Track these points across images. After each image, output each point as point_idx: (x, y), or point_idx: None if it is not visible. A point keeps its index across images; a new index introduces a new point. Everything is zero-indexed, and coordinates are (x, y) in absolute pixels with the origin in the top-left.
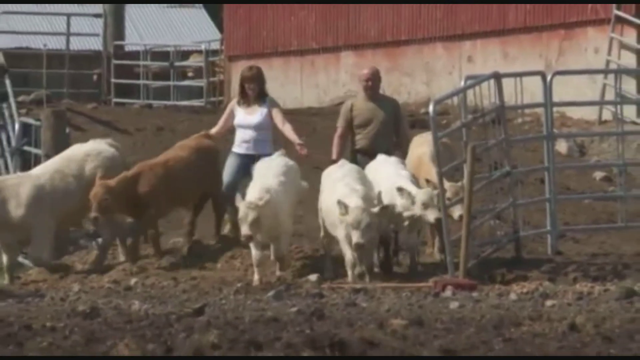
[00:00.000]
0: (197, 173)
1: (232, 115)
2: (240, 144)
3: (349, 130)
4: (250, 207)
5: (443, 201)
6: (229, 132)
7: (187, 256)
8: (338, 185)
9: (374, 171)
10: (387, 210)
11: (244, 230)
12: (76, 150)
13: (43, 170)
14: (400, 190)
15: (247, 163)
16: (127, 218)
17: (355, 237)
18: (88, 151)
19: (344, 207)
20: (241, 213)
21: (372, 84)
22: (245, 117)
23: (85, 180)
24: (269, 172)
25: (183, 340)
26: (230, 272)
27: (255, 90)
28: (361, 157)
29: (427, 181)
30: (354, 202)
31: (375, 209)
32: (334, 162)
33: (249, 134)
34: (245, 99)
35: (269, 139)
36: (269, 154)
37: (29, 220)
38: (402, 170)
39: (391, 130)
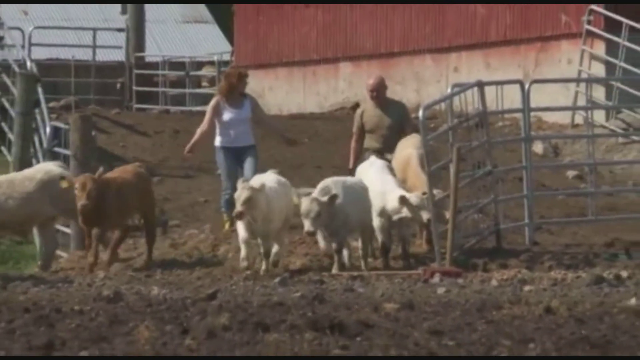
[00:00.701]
0: (137, 194)
1: (217, 112)
2: (229, 138)
3: (362, 134)
4: (245, 187)
5: (432, 198)
6: (213, 128)
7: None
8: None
9: (363, 174)
10: (334, 200)
11: (238, 207)
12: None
13: None
14: (402, 199)
15: (238, 154)
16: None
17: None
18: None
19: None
20: (237, 193)
21: (377, 93)
22: (234, 112)
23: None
24: (265, 177)
25: (197, 322)
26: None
27: (241, 89)
28: (371, 155)
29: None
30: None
31: (324, 199)
32: (351, 170)
33: (240, 127)
34: (233, 93)
35: (251, 131)
36: (254, 144)
37: None
38: (387, 175)
39: (397, 131)
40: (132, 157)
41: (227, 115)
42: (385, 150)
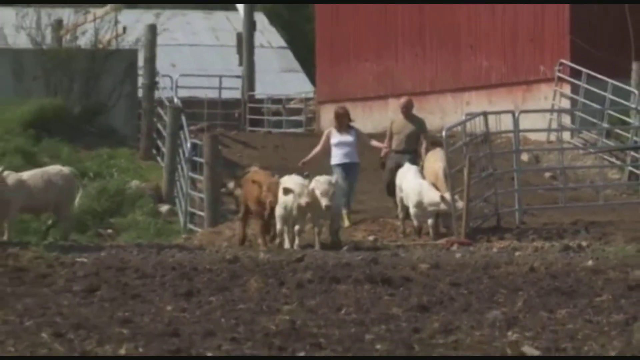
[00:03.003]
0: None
1: (328, 139)
2: (340, 157)
3: (391, 137)
4: (332, 184)
5: (452, 195)
6: (326, 152)
7: None
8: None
9: (402, 176)
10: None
11: (326, 202)
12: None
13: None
14: (442, 198)
15: (346, 169)
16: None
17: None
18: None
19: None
20: (324, 189)
21: (405, 109)
22: (342, 137)
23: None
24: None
25: (290, 277)
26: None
27: (346, 122)
28: (394, 154)
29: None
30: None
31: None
32: (381, 158)
33: (346, 149)
34: (343, 125)
35: (356, 152)
36: (358, 162)
37: None
38: (420, 179)
39: (416, 138)
40: (245, 163)
41: (335, 140)
42: (405, 150)
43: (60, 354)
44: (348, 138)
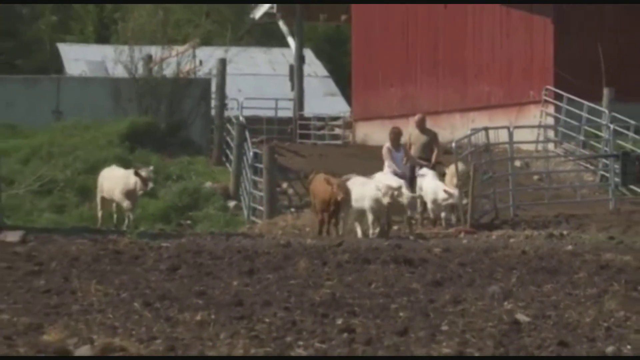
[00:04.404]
0: None
1: (391, 153)
2: (395, 168)
3: (410, 146)
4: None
5: (461, 193)
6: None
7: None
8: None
9: (422, 178)
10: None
11: (388, 200)
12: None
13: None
14: (445, 191)
15: (400, 177)
16: None
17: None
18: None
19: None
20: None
21: (419, 124)
22: (396, 153)
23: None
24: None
25: (332, 258)
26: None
27: (398, 140)
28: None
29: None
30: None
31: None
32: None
33: (399, 162)
34: (396, 143)
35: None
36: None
37: None
38: (437, 181)
39: (429, 148)
40: (296, 168)
41: (394, 155)
42: (420, 157)
43: (149, 320)
44: (398, 155)
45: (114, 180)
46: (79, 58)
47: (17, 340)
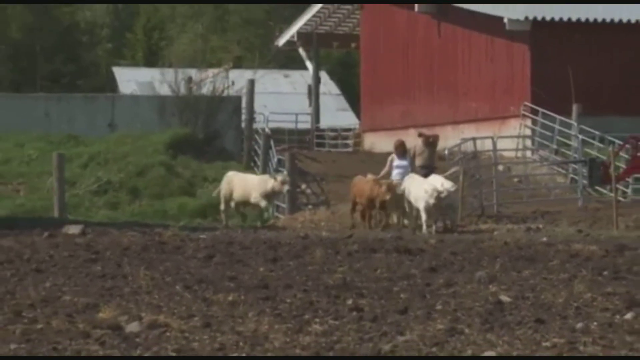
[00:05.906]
0: None
1: (391, 163)
2: (398, 175)
3: (415, 156)
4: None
5: (461, 194)
6: (391, 171)
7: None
8: (421, 183)
9: (432, 178)
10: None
11: (433, 201)
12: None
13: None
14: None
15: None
16: None
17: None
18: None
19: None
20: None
21: (424, 141)
22: (400, 162)
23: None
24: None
25: (343, 248)
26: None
27: (402, 150)
28: (420, 169)
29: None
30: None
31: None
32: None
33: (402, 170)
34: (400, 153)
35: (409, 171)
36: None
37: None
38: (443, 180)
39: (432, 158)
40: (314, 172)
41: (395, 163)
42: (425, 165)
43: (188, 300)
44: (404, 162)
45: (251, 185)
46: (131, 79)
47: (77, 317)
